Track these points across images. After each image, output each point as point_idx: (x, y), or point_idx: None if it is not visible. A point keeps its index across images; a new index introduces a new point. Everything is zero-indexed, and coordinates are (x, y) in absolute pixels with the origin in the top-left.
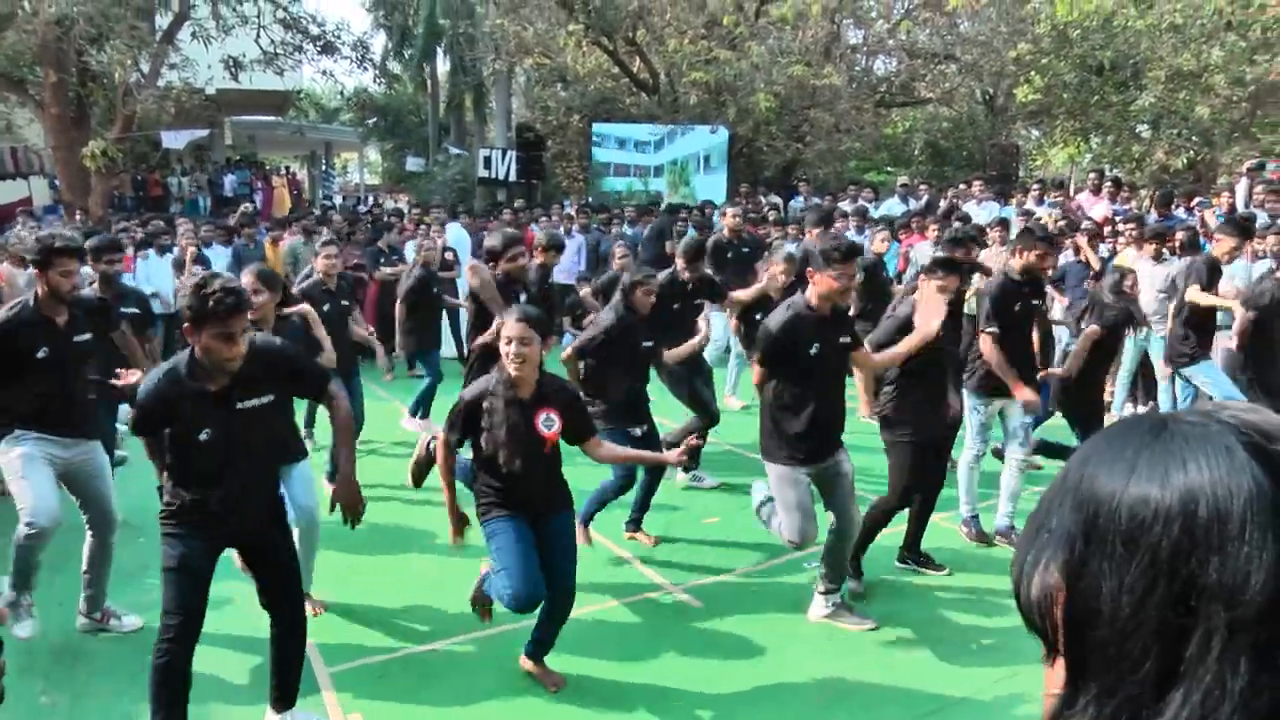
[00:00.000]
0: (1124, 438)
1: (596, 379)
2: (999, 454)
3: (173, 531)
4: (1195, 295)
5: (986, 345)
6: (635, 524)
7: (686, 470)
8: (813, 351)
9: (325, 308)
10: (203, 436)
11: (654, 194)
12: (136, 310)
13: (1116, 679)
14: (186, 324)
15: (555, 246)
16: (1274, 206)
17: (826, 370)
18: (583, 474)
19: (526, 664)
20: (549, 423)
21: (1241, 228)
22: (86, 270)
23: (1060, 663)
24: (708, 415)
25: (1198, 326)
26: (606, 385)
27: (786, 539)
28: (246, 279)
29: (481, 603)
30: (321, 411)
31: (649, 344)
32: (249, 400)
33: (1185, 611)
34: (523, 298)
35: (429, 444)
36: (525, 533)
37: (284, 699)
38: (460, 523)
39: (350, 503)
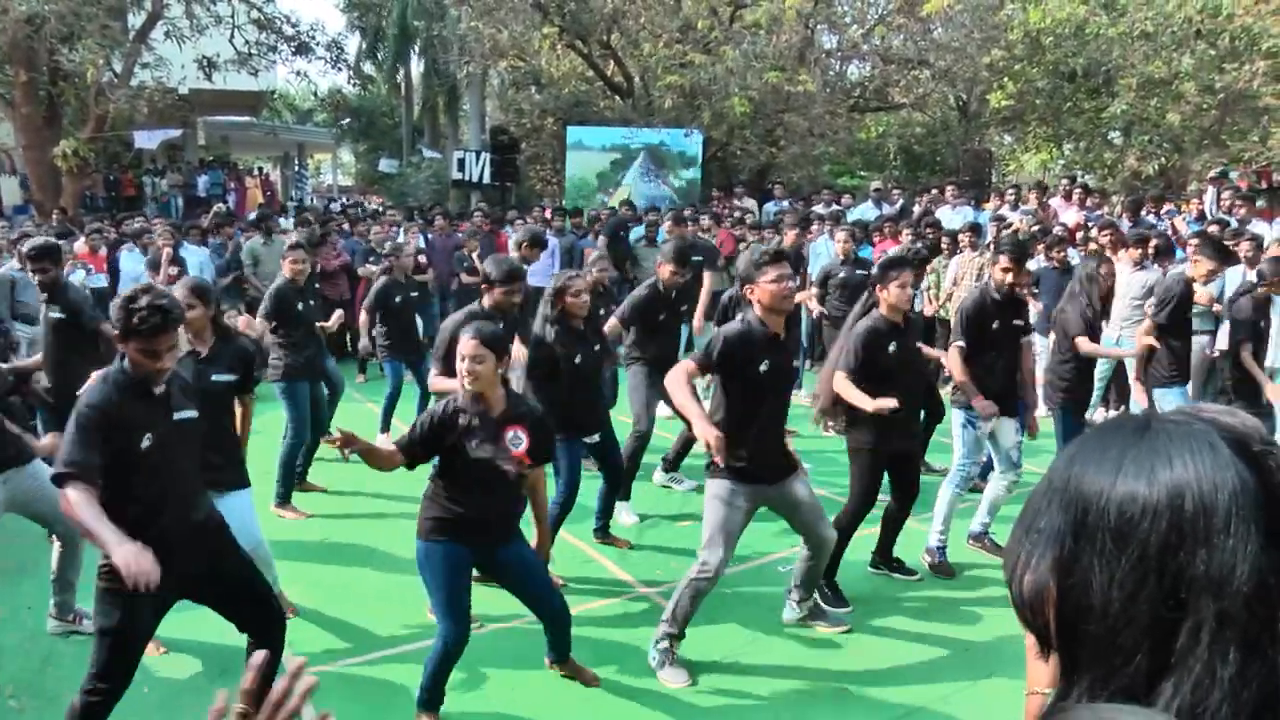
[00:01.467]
0: (1109, 438)
1: (545, 389)
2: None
3: (108, 586)
4: (1144, 339)
5: (952, 357)
6: (604, 530)
7: (666, 471)
8: (763, 369)
9: (299, 307)
10: (145, 444)
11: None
12: (63, 315)
13: (1109, 671)
14: (118, 333)
15: (537, 243)
16: (1242, 213)
17: (775, 390)
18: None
19: (556, 669)
20: (516, 440)
21: (1222, 251)
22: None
23: (1050, 659)
24: (644, 425)
25: (1178, 349)
26: (554, 395)
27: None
28: (180, 292)
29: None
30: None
31: (591, 353)
32: (181, 411)
33: (1175, 604)
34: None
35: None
36: (464, 566)
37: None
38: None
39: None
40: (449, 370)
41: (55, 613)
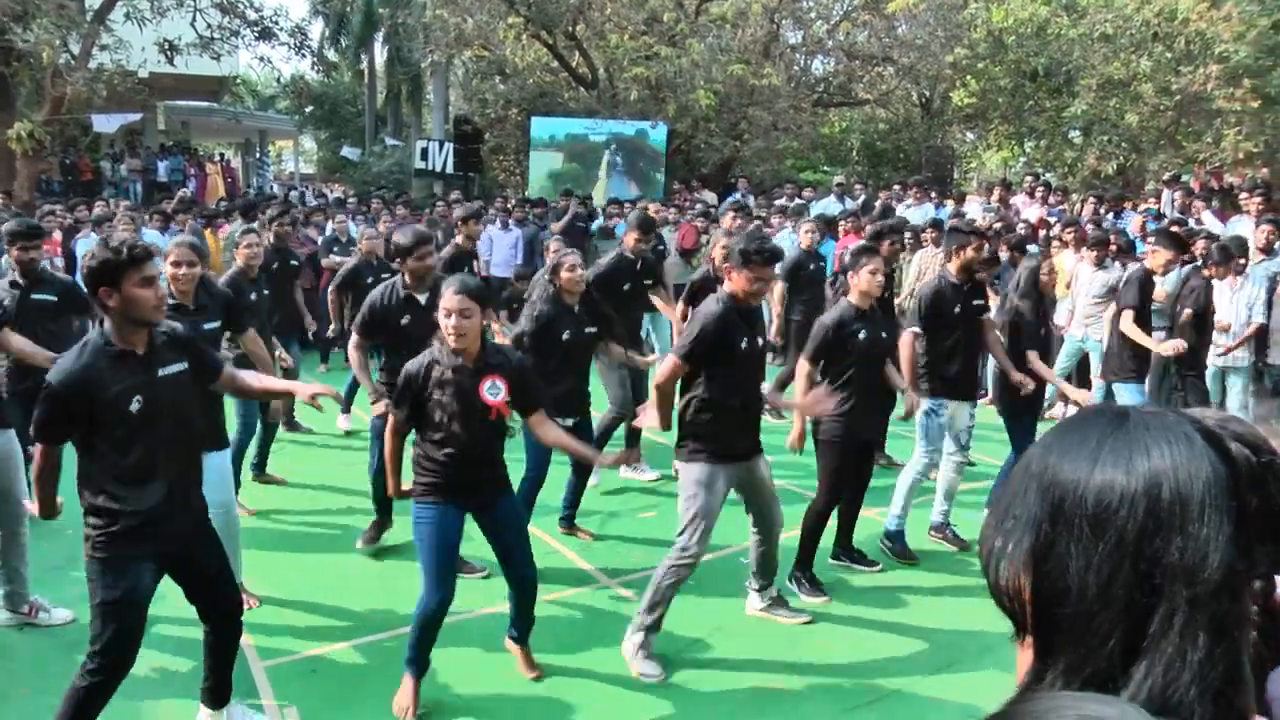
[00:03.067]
0: (1086, 427)
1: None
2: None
3: (109, 556)
4: (1127, 328)
5: (904, 341)
6: (569, 520)
7: (630, 464)
8: (743, 345)
9: (251, 296)
10: (134, 406)
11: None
12: (51, 297)
13: (1084, 655)
14: (102, 286)
15: (473, 216)
16: (1198, 214)
17: (753, 366)
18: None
19: (511, 647)
20: (494, 390)
21: (1177, 241)
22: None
23: (1025, 643)
24: (621, 405)
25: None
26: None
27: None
28: (179, 250)
29: None
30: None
31: (582, 333)
32: (169, 366)
33: (1150, 590)
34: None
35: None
36: (452, 530)
37: (219, 697)
38: (402, 494)
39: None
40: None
41: (6, 604)
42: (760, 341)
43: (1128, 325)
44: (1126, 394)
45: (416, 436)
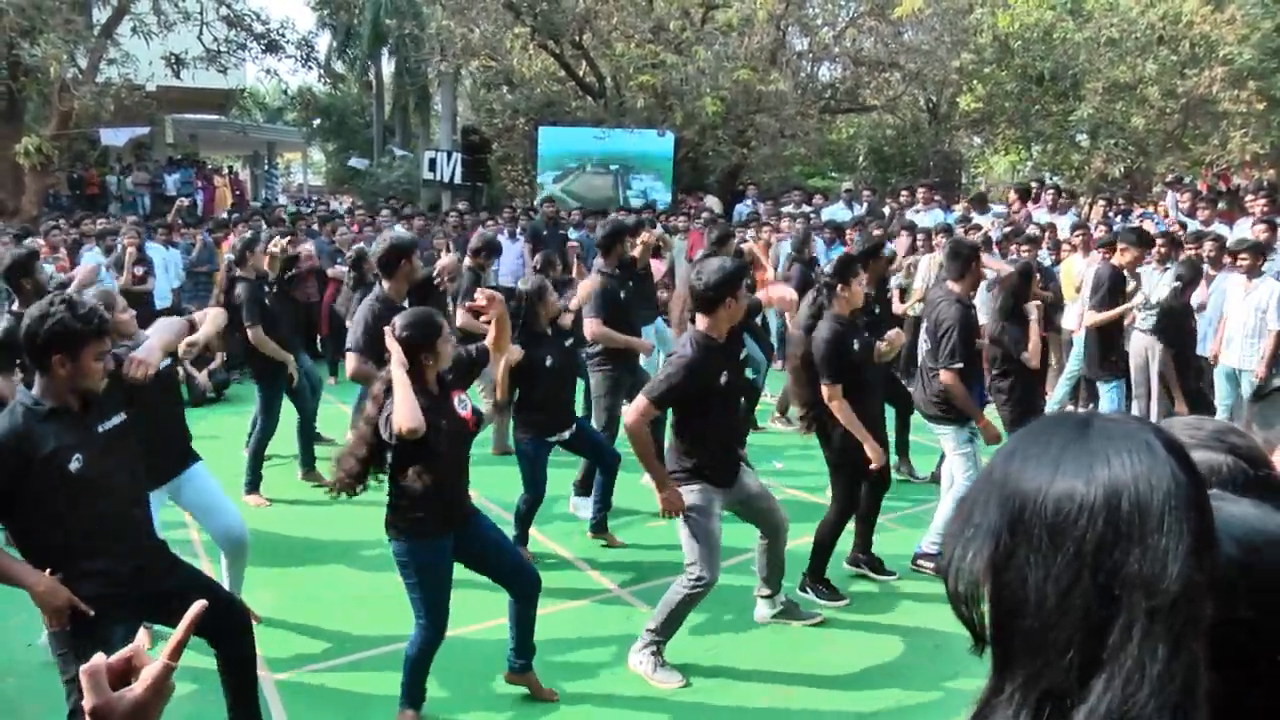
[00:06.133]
0: (1048, 435)
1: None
2: (936, 478)
3: (74, 628)
4: (1092, 317)
5: (950, 380)
6: (600, 526)
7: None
8: (722, 381)
9: (266, 304)
10: (73, 466)
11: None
12: None
13: (1042, 666)
14: (57, 354)
15: (490, 249)
16: (1205, 216)
17: (733, 398)
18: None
19: (515, 679)
20: (462, 404)
21: (1143, 237)
22: None
23: (985, 654)
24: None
25: (1111, 343)
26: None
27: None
28: (102, 299)
29: None
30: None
31: (560, 354)
32: (107, 421)
33: (1109, 601)
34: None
35: None
36: (448, 563)
37: None
38: None
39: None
40: (373, 359)
41: None
42: (740, 371)
43: (1099, 319)
44: (1110, 394)
45: (393, 476)
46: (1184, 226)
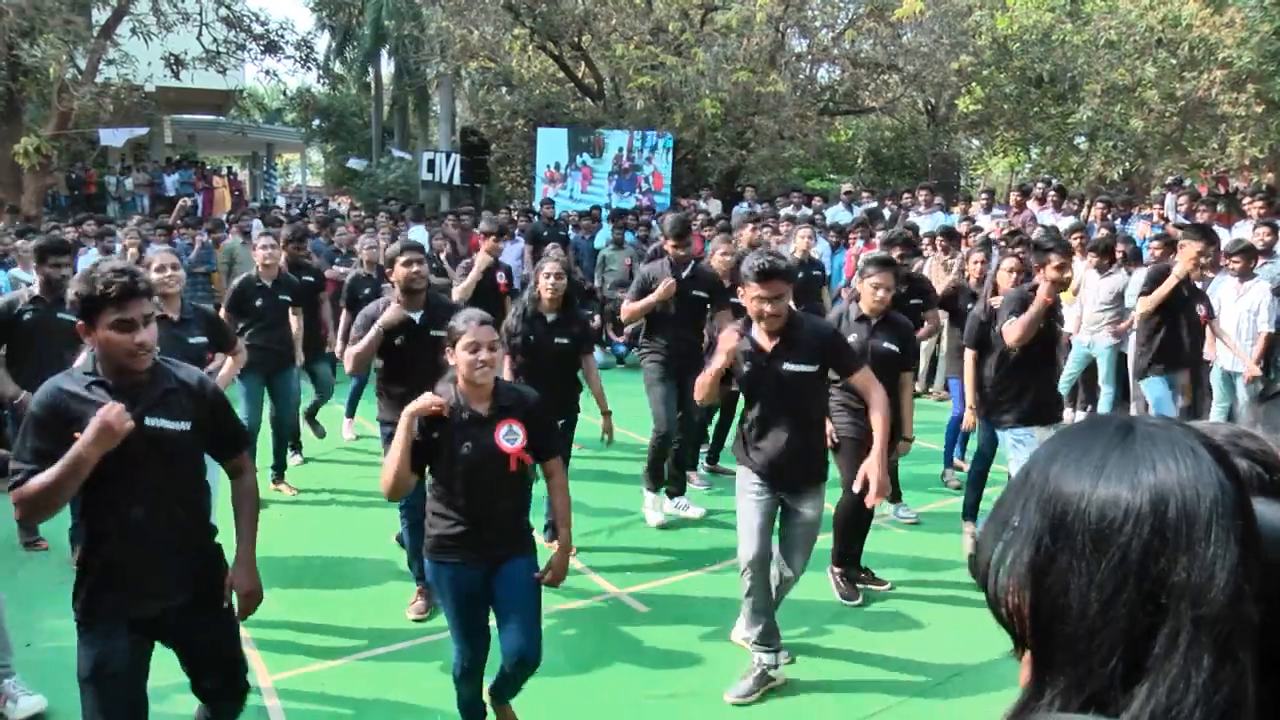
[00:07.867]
0: (1090, 438)
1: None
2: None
3: (84, 621)
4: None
5: (968, 368)
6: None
7: (671, 497)
8: (745, 369)
9: (258, 303)
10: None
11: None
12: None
13: (1084, 673)
14: (80, 322)
15: (500, 232)
16: (1204, 218)
17: (769, 393)
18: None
19: (489, 702)
20: (511, 436)
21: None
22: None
23: (1025, 657)
24: (665, 424)
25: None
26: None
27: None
28: (162, 258)
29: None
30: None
31: (552, 343)
32: (159, 419)
33: (1154, 609)
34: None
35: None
36: (472, 585)
37: None
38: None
39: (247, 589)
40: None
41: None
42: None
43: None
44: (1151, 390)
45: (431, 480)
46: (1181, 229)
